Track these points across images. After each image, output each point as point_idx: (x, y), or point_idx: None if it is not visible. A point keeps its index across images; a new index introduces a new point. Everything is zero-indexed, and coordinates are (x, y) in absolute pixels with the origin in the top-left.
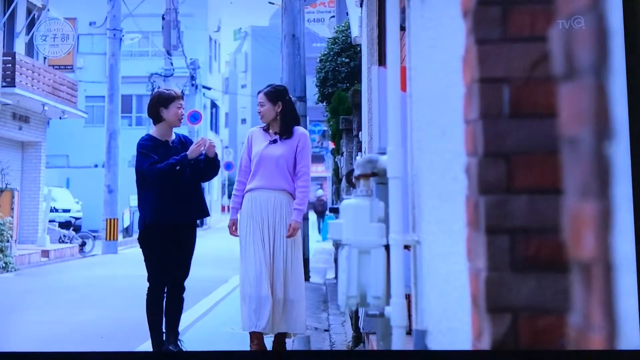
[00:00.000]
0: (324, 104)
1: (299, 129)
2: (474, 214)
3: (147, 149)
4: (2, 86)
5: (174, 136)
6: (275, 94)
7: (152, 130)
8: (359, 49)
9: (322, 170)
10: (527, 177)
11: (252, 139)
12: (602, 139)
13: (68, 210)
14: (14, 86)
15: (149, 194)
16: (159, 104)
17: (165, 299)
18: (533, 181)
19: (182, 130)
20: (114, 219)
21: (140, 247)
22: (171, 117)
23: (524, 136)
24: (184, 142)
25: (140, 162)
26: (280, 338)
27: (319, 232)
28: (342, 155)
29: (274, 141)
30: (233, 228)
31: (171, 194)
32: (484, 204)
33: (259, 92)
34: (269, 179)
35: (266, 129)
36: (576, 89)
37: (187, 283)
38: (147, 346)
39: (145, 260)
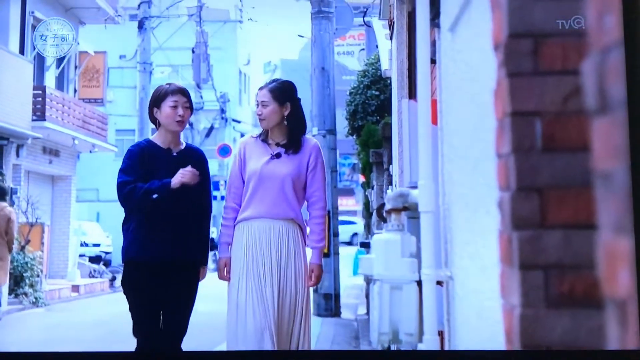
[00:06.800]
0: (354, 136)
1: (310, 140)
2: (507, 249)
3: (133, 158)
4: (33, 120)
5: (183, 145)
6: (284, 92)
7: (153, 135)
8: (389, 81)
9: (352, 204)
10: (561, 212)
11: (246, 152)
12: (636, 173)
13: (98, 245)
14: (44, 120)
15: (132, 222)
16: (152, 104)
17: None
18: (567, 216)
19: (212, 163)
20: None
21: (123, 292)
22: (164, 119)
23: (557, 170)
24: (191, 156)
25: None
26: None
27: None
28: (372, 189)
29: (277, 155)
30: (225, 270)
31: (159, 224)
32: (517, 239)
33: (260, 89)
34: (271, 205)
35: (264, 139)
36: (609, 123)
37: (212, 317)
38: None
39: (129, 309)
